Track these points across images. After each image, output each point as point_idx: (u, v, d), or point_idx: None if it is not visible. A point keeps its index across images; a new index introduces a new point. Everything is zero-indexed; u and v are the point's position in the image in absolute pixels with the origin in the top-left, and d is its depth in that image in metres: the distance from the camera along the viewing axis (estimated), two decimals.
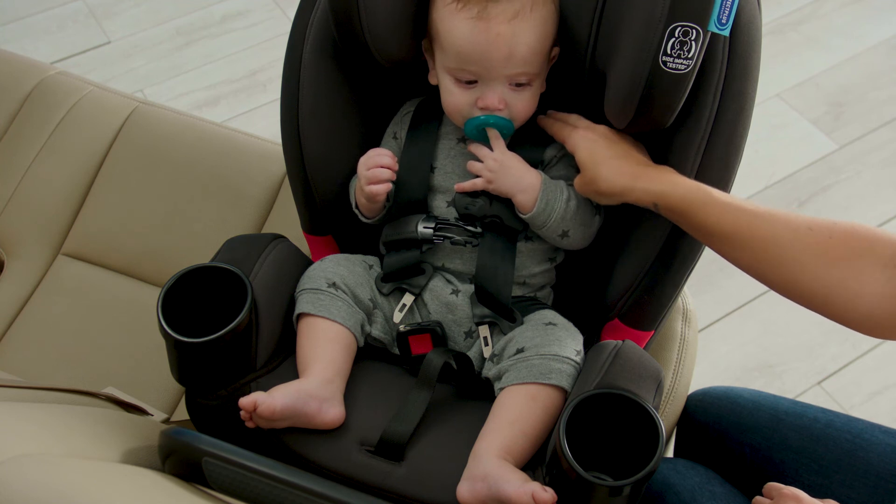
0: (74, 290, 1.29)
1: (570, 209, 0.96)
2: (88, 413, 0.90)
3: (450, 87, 0.96)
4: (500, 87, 0.94)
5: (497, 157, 0.96)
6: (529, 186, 0.95)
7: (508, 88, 0.94)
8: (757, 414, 1.03)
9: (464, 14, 0.90)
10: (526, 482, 0.81)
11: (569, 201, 0.96)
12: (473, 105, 0.95)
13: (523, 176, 0.96)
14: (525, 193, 0.95)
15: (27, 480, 0.61)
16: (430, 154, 1.02)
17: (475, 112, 0.95)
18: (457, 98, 0.95)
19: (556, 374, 0.90)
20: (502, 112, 0.95)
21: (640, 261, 0.98)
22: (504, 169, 0.96)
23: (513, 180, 0.96)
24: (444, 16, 0.93)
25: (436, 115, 1.03)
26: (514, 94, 0.94)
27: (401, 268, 1.00)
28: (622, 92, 0.89)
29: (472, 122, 0.96)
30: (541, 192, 0.95)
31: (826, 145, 2.02)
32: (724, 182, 0.92)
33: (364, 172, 0.98)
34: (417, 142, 1.03)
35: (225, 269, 0.94)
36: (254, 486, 0.74)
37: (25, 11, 2.40)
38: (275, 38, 2.30)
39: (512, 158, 0.97)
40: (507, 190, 0.96)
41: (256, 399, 0.86)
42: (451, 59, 0.93)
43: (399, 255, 1.00)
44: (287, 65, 1.04)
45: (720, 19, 0.83)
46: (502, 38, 0.90)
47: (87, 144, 1.37)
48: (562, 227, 0.97)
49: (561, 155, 1.01)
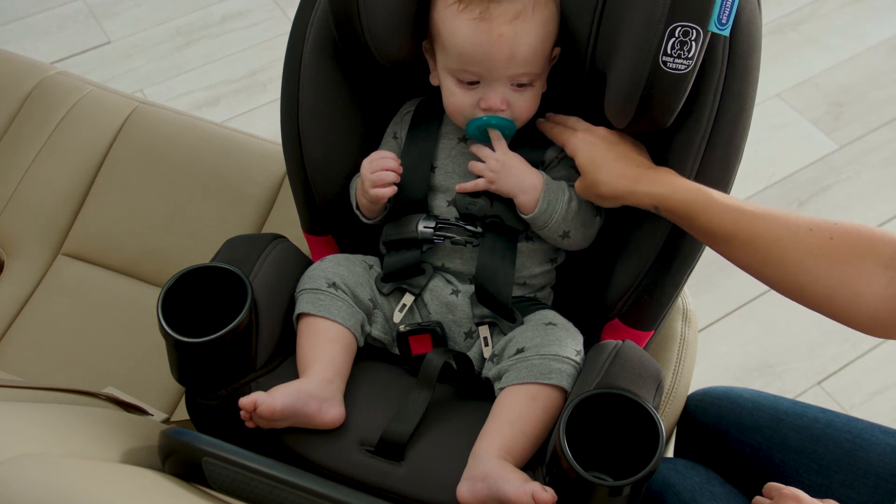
0: (74, 290, 1.29)
1: (571, 210, 0.96)
2: (88, 413, 0.90)
3: (452, 88, 0.96)
4: (502, 88, 0.94)
5: (499, 157, 0.96)
6: (531, 187, 0.95)
7: (510, 89, 0.94)
8: (757, 414, 1.03)
9: (466, 15, 0.90)
10: (526, 482, 0.81)
11: (570, 202, 0.96)
12: (475, 106, 0.95)
13: (525, 176, 0.96)
14: (527, 194, 0.95)
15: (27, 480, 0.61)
16: (430, 154, 1.02)
17: (477, 113, 0.95)
18: (459, 99, 0.95)
19: (556, 374, 0.90)
20: (504, 112, 0.95)
21: (640, 261, 0.98)
22: (506, 169, 0.96)
23: (514, 181, 0.96)
24: (446, 17, 0.93)
25: (436, 114, 1.03)
26: (516, 95, 0.95)
27: (401, 268, 1.00)
28: (622, 92, 0.89)
29: (473, 123, 0.96)
30: (542, 192, 0.95)
31: (826, 145, 2.02)
32: (724, 182, 0.92)
33: (368, 175, 0.98)
34: (418, 141, 1.03)
35: (225, 269, 0.94)
36: (254, 486, 0.74)
37: (25, 11, 2.40)
38: (275, 38, 2.30)
39: (514, 159, 0.97)
40: (509, 190, 0.96)
41: (256, 399, 0.86)
42: (453, 60, 0.93)
43: (399, 254, 1.00)
44: (287, 65, 1.04)
45: (720, 19, 0.83)
46: (504, 39, 0.90)
47: (87, 144, 1.37)
48: (563, 228, 0.97)
49: (562, 156, 1.00)
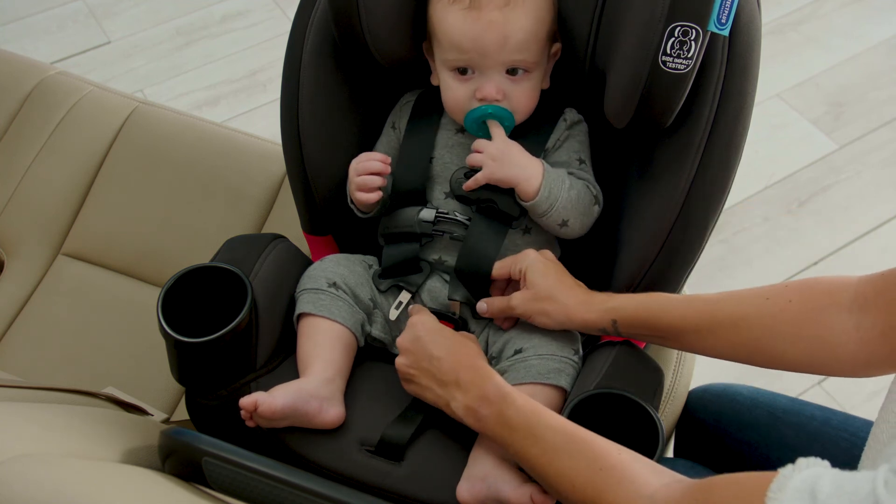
0: (74, 290, 1.29)
1: (571, 198, 0.96)
2: (88, 413, 0.90)
3: (449, 82, 0.96)
4: (497, 76, 0.94)
5: (498, 145, 0.96)
6: (532, 175, 0.95)
7: (506, 78, 0.94)
8: (755, 411, 1.03)
9: (456, 6, 0.92)
10: (525, 483, 0.81)
11: (570, 190, 0.96)
12: (472, 97, 0.95)
13: (526, 165, 0.95)
14: (528, 182, 0.94)
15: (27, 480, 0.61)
16: (430, 144, 1.02)
17: (474, 104, 0.95)
18: (456, 92, 0.96)
19: (554, 374, 0.90)
20: (501, 103, 0.95)
21: (640, 261, 0.98)
22: (505, 157, 0.95)
23: (516, 169, 0.95)
24: (438, 10, 0.94)
25: (436, 107, 1.03)
26: (513, 85, 0.95)
27: (400, 261, 1.00)
28: (622, 91, 0.89)
29: (472, 115, 0.95)
30: (543, 179, 0.95)
31: (826, 145, 2.02)
32: (723, 182, 0.92)
33: (354, 178, 0.99)
34: (417, 132, 1.03)
35: (225, 269, 0.94)
36: (254, 486, 0.74)
37: (25, 11, 2.40)
38: (275, 38, 2.30)
39: (513, 147, 0.96)
40: (510, 178, 0.95)
41: (257, 399, 0.86)
42: (447, 51, 0.94)
43: (398, 247, 1.00)
44: (287, 65, 1.04)
45: (720, 19, 0.83)
46: (495, 25, 0.90)
47: (87, 144, 1.37)
48: (562, 216, 0.96)
49: (563, 138, 1.01)
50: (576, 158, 1.01)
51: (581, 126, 1.03)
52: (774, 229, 1.84)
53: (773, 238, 1.83)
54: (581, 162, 1.01)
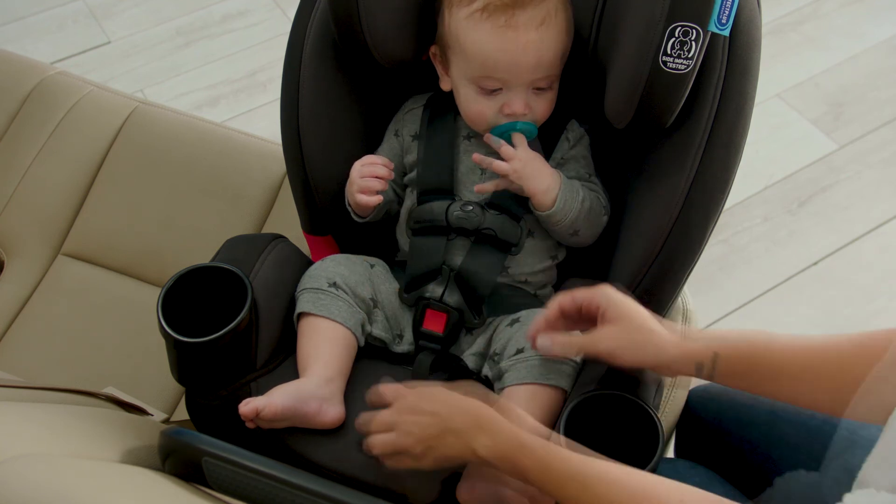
0: (74, 290, 1.29)
1: (584, 209, 0.97)
2: (88, 413, 0.90)
3: (472, 95, 0.96)
4: (525, 93, 0.94)
5: (522, 156, 0.96)
6: (550, 186, 0.96)
7: (532, 93, 0.95)
8: (755, 410, 1.03)
9: (489, 24, 0.90)
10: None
11: (584, 202, 0.98)
12: (498, 112, 0.96)
13: (546, 177, 0.97)
14: (546, 193, 0.96)
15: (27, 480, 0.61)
16: (451, 142, 1.03)
17: (501, 119, 0.96)
18: (482, 107, 0.96)
19: (555, 375, 0.90)
20: (526, 116, 0.95)
21: (640, 261, 0.98)
22: (528, 168, 0.96)
23: (537, 180, 0.96)
24: (468, 26, 0.92)
25: (449, 108, 1.04)
26: (537, 99, 0.96)
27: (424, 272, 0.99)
28: (622, 92, 0.89)
29: (498, 129, 0.97)
30: (560, 191, 0.96)
31: (826, 145, 2.02)
32: (723, 182, 0.92)
33: (357, 180, 0.99)
34: (437, 133, 1.04)
35: (225, 269, 0.94)
36: (254, 486, 0.74)
37: (25, 11, 2.40)
38: (275, 38, 2.30)
39: (536, 159, 0.97)
40: (531, 188, 0.96)
41: (257, 405, 0.86)
42: (476, 69, 0.93)
43: (426, 238, 1.00)
44: (287, 65, 1.04)
45: (720, 19, 0.83)
46: (532, 45, 0.90)
47: (87, 144, 1.37)
48: (574, 227, 0.98)
49: (569, 157, 1.02)
50: (586, 173, 1.03)
51: (585, 140, 1.04)
52: (774, 229, 1.84)
53: (773, 238, 1.83)
54: (591, 175, 1.03)
